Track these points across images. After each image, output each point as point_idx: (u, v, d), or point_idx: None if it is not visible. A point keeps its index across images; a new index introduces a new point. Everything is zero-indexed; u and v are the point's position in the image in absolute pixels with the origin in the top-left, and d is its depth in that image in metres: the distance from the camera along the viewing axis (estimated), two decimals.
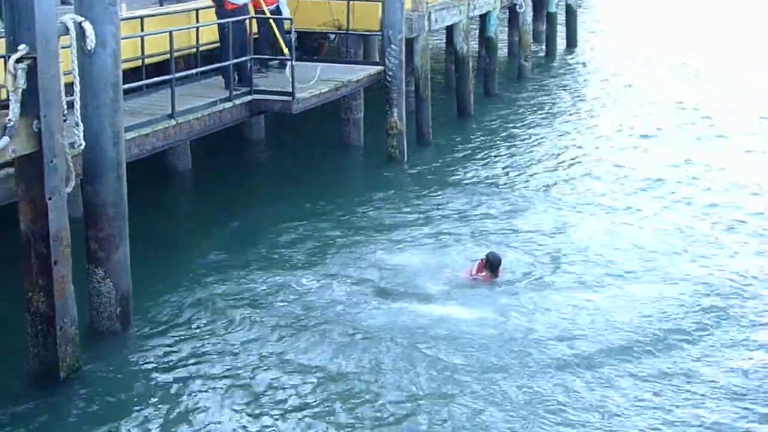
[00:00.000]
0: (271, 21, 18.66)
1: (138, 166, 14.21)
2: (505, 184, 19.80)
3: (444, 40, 31.14)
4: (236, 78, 17.37)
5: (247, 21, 17.53)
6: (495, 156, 22.01)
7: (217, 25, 17.45)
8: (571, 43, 37.74)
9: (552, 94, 29.48)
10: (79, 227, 12.10)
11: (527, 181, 19.96)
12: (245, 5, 17.50)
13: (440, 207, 18.15)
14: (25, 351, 11.09)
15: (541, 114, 26.65)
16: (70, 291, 11.04)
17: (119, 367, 11.70)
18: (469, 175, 20.44)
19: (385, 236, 16.45)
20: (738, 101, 28.49)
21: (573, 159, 21.85)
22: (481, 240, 16.26)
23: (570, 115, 26.70)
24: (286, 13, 19.46)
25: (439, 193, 19.07)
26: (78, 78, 11.24)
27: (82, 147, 11.44)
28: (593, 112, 27.05)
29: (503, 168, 20.99)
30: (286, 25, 18.50)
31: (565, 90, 30.31)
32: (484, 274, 14.54)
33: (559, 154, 22.22)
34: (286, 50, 18.60)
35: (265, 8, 18.72)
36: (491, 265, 14.59)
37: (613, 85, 31.14)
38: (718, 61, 35.26)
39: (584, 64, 35.09)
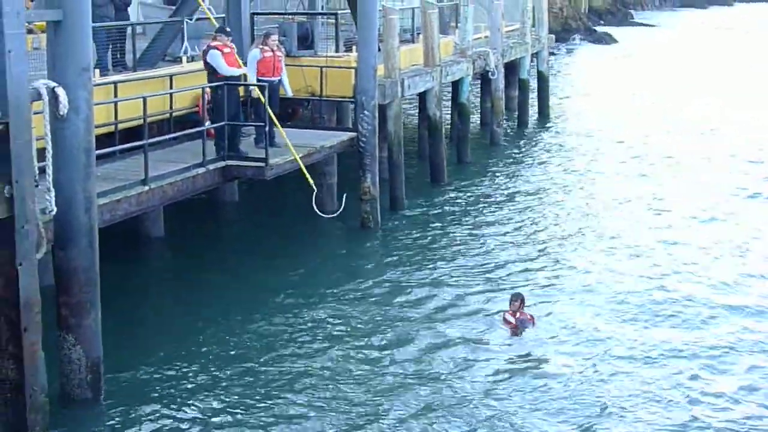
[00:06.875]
0: (258, 91, 18.17)
1: (111, 231, 14.11)
2: (480, 251, 19.75)
3: (417, 107, 31.29)
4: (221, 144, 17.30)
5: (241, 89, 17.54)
6: (468, 223, 21.99)
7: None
8: (543, 109, 37.95)
9: (524, 162, 29.56)
10: (50, 293, 11.96)
11: (502, 248, 19.93)
12: (237, 76, 17.48)
13: (414, 275, 18.07)
14: None
15: (514, 181, 26.70)
16: (41, 358, 10.90)
17: None
18: (443, 242, 20.39)
19: (359, 304, 16.40)
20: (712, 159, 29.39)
21: (548, 226, 21.86)
22: (458, 307, 16.23)
23: (543, 182, 26.72)
24: (287, 84, 19.36)
25: (414, 261, 18.99)
26: (50, 143, 11.20)
27: (54, 212, 11.37)
28: (566, 180, 27.07)
29: (477, 236, 20.94)
30: (256, 92, 18.31)
31: (537, 157, 30.39)
32: (520, 311, 15.25)
33: (533, 222, 22.22)
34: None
35: (250, 77, 18.41)
36: (516, 299, 15.39)
37: (585, 151, 31.30)
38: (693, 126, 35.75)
39: (557, 131, 35.27)
